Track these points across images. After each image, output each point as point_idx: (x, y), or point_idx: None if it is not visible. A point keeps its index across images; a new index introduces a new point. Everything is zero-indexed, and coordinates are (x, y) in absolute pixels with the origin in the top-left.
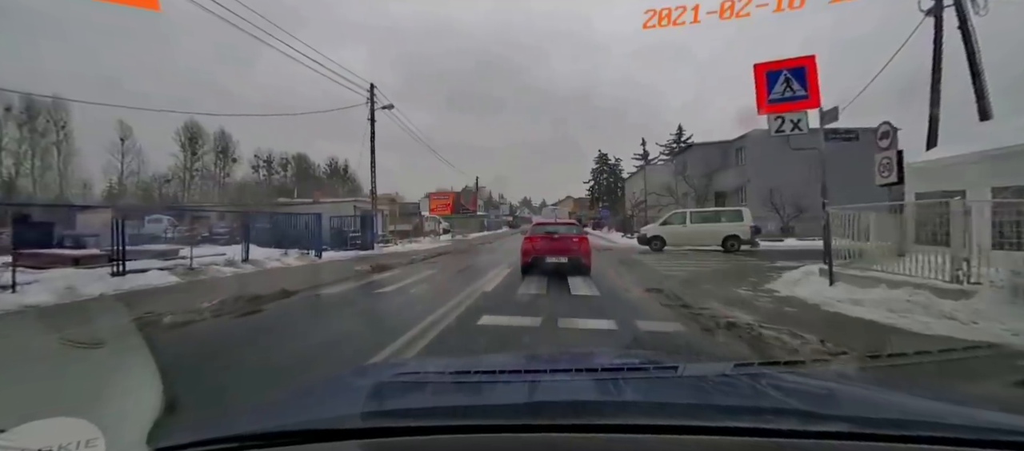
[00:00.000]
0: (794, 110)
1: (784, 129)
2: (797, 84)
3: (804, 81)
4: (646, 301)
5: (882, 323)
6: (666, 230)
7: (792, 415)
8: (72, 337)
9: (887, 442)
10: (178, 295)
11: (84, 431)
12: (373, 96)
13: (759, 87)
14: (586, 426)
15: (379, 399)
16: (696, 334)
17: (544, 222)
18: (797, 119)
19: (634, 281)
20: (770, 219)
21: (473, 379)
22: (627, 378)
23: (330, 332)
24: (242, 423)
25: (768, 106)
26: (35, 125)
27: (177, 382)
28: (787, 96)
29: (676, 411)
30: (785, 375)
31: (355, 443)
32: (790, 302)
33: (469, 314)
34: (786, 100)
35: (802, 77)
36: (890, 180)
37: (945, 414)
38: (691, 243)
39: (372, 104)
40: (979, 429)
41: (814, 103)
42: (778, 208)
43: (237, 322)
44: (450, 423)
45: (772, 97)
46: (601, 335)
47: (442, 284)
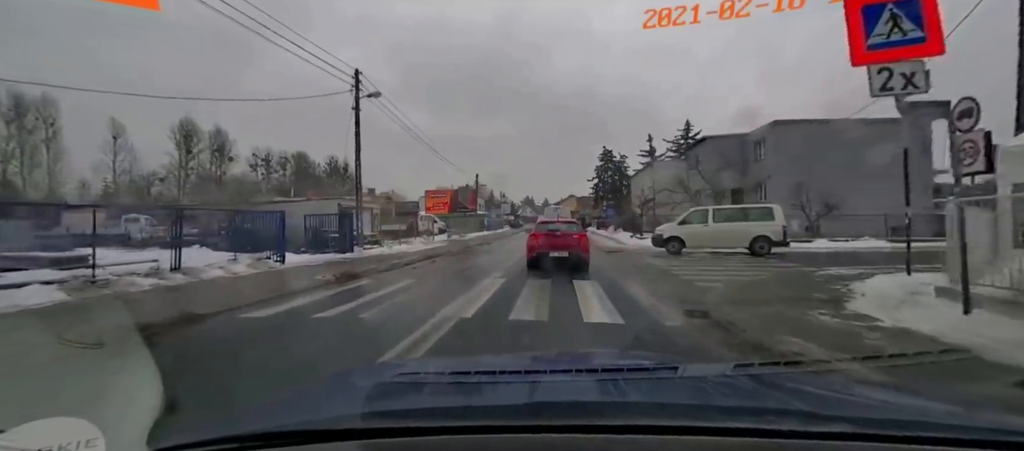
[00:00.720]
0: (906, 58)
1: (892, 86)
2: (909, 21)
3: (919, 17)
4: (694, 334)
5: None
6: (685, 230)
7: (793, 416)
8: (72, 337)
9: (887, 442)
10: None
11: (84, 431)
12: (358, 83)
13: (853, 29)
14: (586, 427)
15: (379, 399)
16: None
17: (547, 221)
18: (911, 72)
19: (664, 297)
20: (794, 217)
21: (473, 380)
22: (627, 378)
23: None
24: (242, 423)
25: (867, 54)
26: (23, 122)
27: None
28: (895, 40)
29: (676, 412)
30: (785, 376)
31: (355, 443)
32: (916, 340)
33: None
34: (894, 45)
35: (916, 11)
36: (976, 168)
37: (945, 415)
38: (713, 245)
39: (357, 92)
40: (979, 429)
41: (936, 47)
42: (803, 206)
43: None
44: (450, 424)
45: (872, 42)
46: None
47: (410, 304)
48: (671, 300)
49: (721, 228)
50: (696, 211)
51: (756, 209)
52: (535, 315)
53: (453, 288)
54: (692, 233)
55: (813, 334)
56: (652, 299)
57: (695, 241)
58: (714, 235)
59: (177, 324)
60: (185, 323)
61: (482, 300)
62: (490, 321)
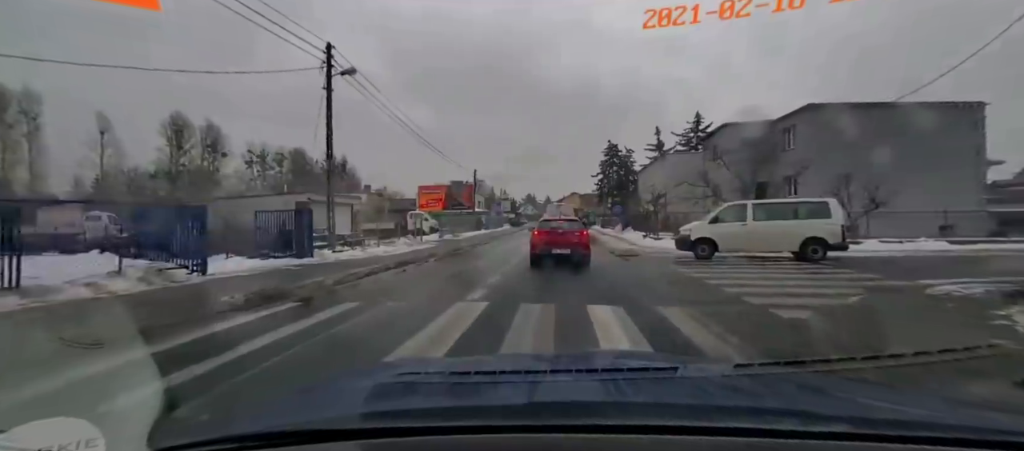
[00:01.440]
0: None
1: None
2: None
3: None
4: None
5: None
6: (718, 230)
7: (792, 415)
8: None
9: (887, 442)
10: None
11: (84, 431)
12: (330, 59)
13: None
14: (586, 427)
15: (379, 400)
16: None
17: (550, 219)
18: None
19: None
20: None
21: (473, 380)
22: (627, 379)
23: None
24: (242, 423)
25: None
26: (4, 117)
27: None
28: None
29: (676, 412)
30: (785, 376)
31: (355, 443)
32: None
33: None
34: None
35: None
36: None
37: (945, 414)
38: (754, 248)
39: (329, 69)
40: (979, 429)
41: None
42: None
43: None
44: (450, 424)
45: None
46: None
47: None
48: (753, 344)
49: (763, 227)
50: (731, 207)
51: (808, 204)
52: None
53: (406, 319)
54: (726, 234)
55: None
56: (720, 344)
57: (730, 243)
58: (754, 236)
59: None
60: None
61: (445, 344)
62: None
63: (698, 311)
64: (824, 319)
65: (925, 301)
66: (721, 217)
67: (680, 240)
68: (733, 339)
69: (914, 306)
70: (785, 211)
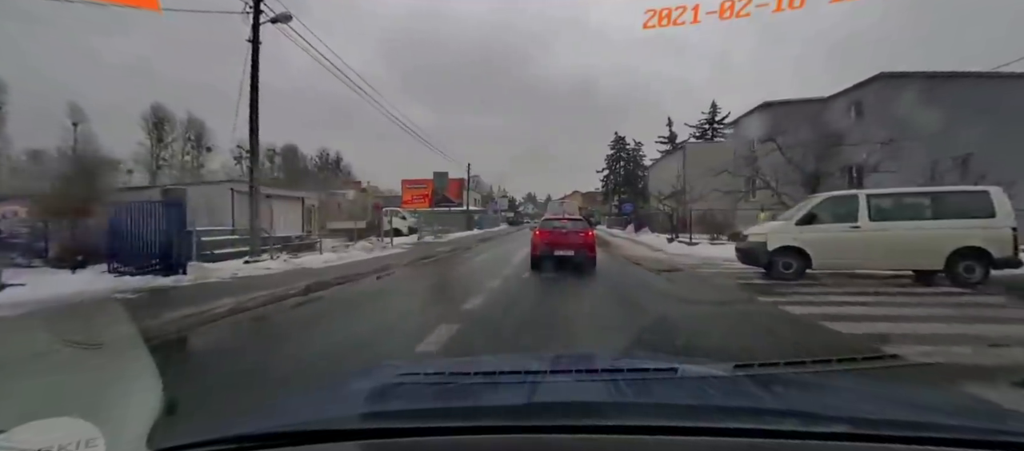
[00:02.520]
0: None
1: None
2: None
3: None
4: None
5: None
6: (812, 236)
7: (792, 416)
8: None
9: (887, 442)
10: None
11: (84, 431)
12: (258, 5)
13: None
14: (586, 427)
15: (379, 400)
16: None
17: (553, 218)
18: None
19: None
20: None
21: (472, 380)
22: (627, 379)
23: None
24: (242, 424)
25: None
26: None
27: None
28: None
29: (676, 412)
30: (785, 376)
31: (354, 444)
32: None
33: None
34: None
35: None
36: None
37: (945, 415)
38: (870, 263)
39: (256, 15)
40: (979, 429)
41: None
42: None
43: None
44: (449, 424)
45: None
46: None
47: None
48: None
49: (886, 231)
50: (831, 200)
51: (956, 196)
52: None
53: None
54: (825, 241)
55: None
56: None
57: (831, 255)
58: (872, 245)
59: None
60: None
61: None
62: None
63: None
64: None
65: None
66: (815, 216)
67: (746, 251)
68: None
69: None
70: (919, 207)
